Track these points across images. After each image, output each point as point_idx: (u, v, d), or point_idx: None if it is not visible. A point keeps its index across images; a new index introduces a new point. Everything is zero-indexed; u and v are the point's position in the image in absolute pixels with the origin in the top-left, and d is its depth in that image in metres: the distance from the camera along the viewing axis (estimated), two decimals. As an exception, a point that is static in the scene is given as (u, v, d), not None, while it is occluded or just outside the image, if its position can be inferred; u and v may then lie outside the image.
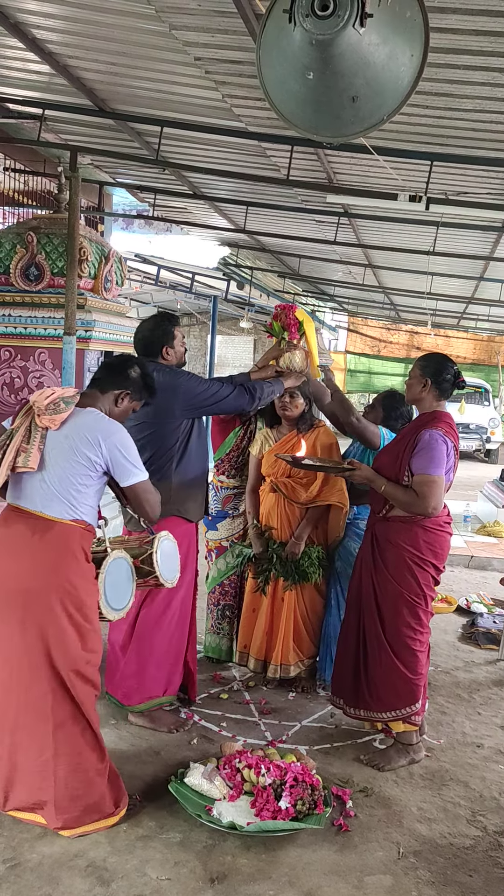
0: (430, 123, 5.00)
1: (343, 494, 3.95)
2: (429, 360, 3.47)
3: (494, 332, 18.29)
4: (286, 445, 4.02)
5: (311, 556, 3.94)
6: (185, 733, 3.58)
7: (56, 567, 2.66)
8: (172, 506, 3.49)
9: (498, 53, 3.88)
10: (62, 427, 2.70)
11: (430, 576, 3.37)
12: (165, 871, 2.62)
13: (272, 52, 2.24)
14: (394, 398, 4.09)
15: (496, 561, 7.27)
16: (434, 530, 3.35)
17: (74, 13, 4.23)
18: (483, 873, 2.74)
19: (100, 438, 2.71)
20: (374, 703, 3.41)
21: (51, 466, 2.69)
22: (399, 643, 3.35)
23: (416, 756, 3.47)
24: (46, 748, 2.68)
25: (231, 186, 7.94)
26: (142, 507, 2.91)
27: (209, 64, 4.56)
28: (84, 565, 2.73)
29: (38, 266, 6.11)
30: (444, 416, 3.38)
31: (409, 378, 3.49)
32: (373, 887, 2.62)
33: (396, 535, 3.36)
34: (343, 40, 2.01)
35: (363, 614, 3.45)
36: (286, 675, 4.03)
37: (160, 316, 3.74)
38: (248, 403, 3.67)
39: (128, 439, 2.80)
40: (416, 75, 2.21)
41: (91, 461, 2.70)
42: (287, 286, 14.48)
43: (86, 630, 2.71)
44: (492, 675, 4.65)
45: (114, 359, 3.04)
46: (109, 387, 2.90)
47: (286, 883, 2.60)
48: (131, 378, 2.93)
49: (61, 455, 2.69)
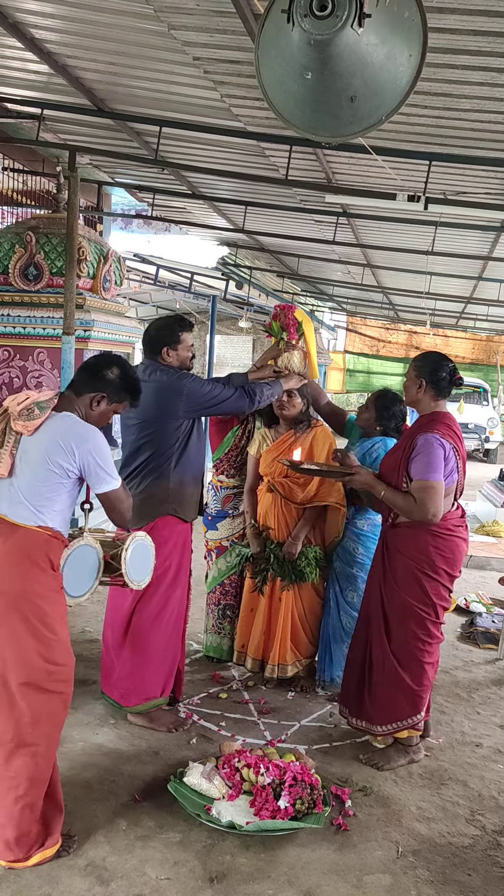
0: (429, 123, 5.01)
1: (341, 495, 3.94)
2: (423, 359, 3.39)
3: (493, 331, 18.32)
4: (283, 445, 4.02)
5: (308, 556, 3.95)
6: (184, 733, 3.59)
7: (16, 574, 2.53)
8: (169, 505, 3.50)
9: (496, 53, 3.89)
10: (36, 433, 2.59)
11: (440, 585, 3.28)
12: (165, 870, 2.62)
13: (271, 52, 2.25)
14: (386, 398, 4.07)
15: (495, 560, 7.28)
16: (444, 535, 3.26)
17: (73, 13, 4.23)
18: (482, 872, 2.74)
19: (73, 445, 2.58)
20: (375, 715, 3.38)
21: (21, 472, 2.59)
22: (405, 654, 3.30)
23: (416, 756, 3.46)
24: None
25: (230, 186, 7.94)
26: (112, 513, 2.78)
27: (208, 64, 4.57)
28: (48, 573, 2.58)
29: (36, 266, 6.12)
30: (442, 417, 3.30)
31: (406, 380, 3.43)
32: (372, 886, 2.62)
33: (404, 544, 3.30)
34: (341, 40, 2.01)
35: (371, 624, 3.41)
36: (283, 674, 4.03)
37: (172, 318, 3.72)
38: (248, 405, 3.68)
39: (102, 445, 2.66)
40: (414, 75, 2.22)
41: (64, 469, 2.59)
42: (286, 286, 14.49)
43: (48, 640, 2.54)
44: (491, 674, 4.65)
45: (92, 359, 2.86)
46: (84, 389, 2.74)
47: (285, 882, 2.61)
48: (107, 379, 2.75)
49: (33, 461, 2.58)
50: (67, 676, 2.61)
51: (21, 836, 2.55)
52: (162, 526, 3.50)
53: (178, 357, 3.59)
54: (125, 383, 2.79)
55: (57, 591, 2.64)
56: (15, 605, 2.51)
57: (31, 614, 2.52)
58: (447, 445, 3.20)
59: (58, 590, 2.64)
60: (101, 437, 2.68)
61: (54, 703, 2.57)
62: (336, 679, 4.06)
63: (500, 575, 5.78)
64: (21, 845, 2.55)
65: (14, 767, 2.52)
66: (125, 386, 2.79)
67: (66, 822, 2.75)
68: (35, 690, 2.52)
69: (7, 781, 2.53)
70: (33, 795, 2.55)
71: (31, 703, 2.52)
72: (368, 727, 3.42)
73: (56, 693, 2.57)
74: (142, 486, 3.45)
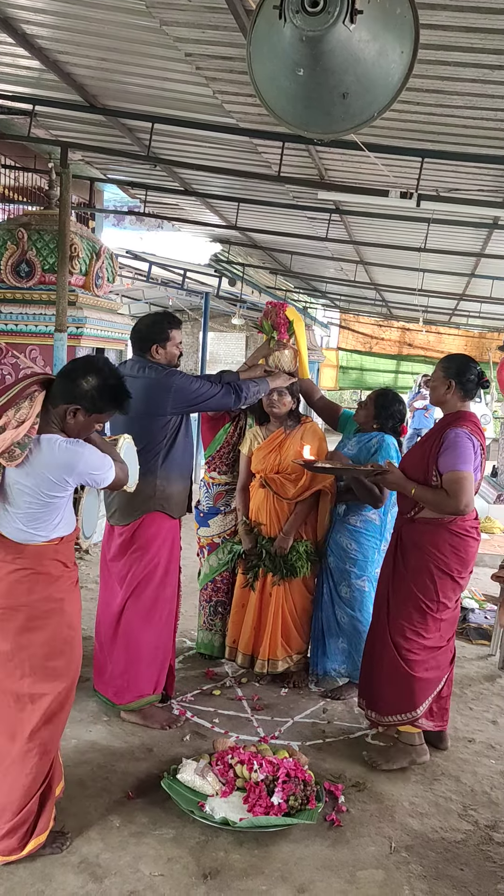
0: (421, 120, 5.00)
1: (329, 480, 3.97)
2: (451, 361, 3.43)
3: (485, 328, 18.32)
4: (274, 442, 4.06)
5: (299, 549, 3.97)
6: (177, 730, 3.59)
7: (35, 589, 2.56)
8: (156, 501, 3.51)
9: (488, 50, 3.88)
10: (31, 465, 2.49)
11: (448, 583, 3.31)
12: (158, 867, 2.63)
13: (263, 49, 2.24)
14: (386, 397, 4.08)
15: (487, 557, 7.30)
16: (461, 534, 3.30)
17: (64, 8, 4.21)
18: (474, 867, 2.75)
19: (64, 476, 2.50)
20: (381, 706, 3.41)
21: (14, 498, 2.52)
22: (401, 643, 3.32)
23: (419, 758, 3.43)
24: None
25: (222, 183, 7.92)
26: (114, 488, 2.76)
27: (200, 60, 4.55)
28: (63, 576, 2.62)
29: (28, 262, 6.10)
30: (468, 415, 3.35)
31: (433, 380, 3.47)
32: (365, 882, 2.63)
33: (421, 538, 3.32)
34: (333, 37, 2.01)
35: (379, 615, 3.45)
36: (273, 669, 4.04)
37: (162, 315, 3.73)
38: (235, 402, 3.70)
39: (92, 457, 2.57)
40: (406, 72, 2.22)
41: (59, 496, 2.55)
42: (279, 283, 14.47)
43: (70, 638, 2.63)
44: (483, 670, 4.67)
45: (69, 365, 2.69)
46: (59, 400, 2.56)
47: (279, 878, 2.61)
48: (82, 390, 2.53)
49: (24, 492, 2.50)
50: (77, 666, 2.69)
51: (17, 827, 2.56)
52: (149, 523, 3.50)
53: (166, 354, 3.60)
54: (103, 394, 2.56)
55: (73, 586, 2.68)
56: (38, 614, 2.56)
57: (56, 619, 2.59)
58: (475, 442, 3.26)
59: (74, 585, 2.69)
60: (86, 451, 2.57)
61: (64, 697, 2.63)
62: (330, 672, 4.08)
63: (493, 571, 5.80)
64: (16, 836, 2.57)
65: (28, 765, 2.56)
66: (103, 396, 2.57)
67: (59, 819, 2.76)
68: (51, 688, 2.58)
69: (20, 779, 2.56)
70: (36, 790, 2.59)
71: (46, 700, 2.57)
72: (378, 718, 3.44)
73: (68, 686, 2.64)
74: None
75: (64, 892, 2.48)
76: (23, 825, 2.57)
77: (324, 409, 4.37)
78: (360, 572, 3.98)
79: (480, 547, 7.57)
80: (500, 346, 11.87)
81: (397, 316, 18.58)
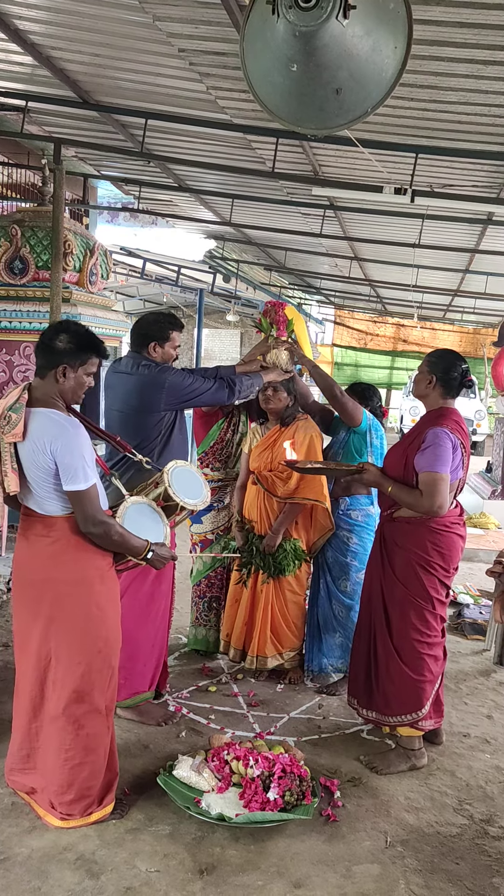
0: (415, 116, 5.01)
1: (321, 493, 3.93)
2: (437, 357, 3.39)
3: (480, 324, 18.34)
4: (270, 439, 4.06)
5: (287, 548, 3.97)
6: (173, 726, 3.59)
7: (68, 562, 2.67)
8: None
9: (482, 45, 3.89)
10: (27, 436, 2.59)
11: (436, 579, 3.29)
12: (155, 863, 2.63)
13: (256, 44, 2.24)
14: (353, 391, 4.17)
15: (482, 552, 7.33)
16: (441, 531, 3.28)
17: (57, 3, 4.20)
18: (469, 861, 2.76)
19: (46, 443, 2.57)
20: (384, 707, 3.39)
21: (30, 477, 2.64)
22: (405, 647, 3.31)
23: (418, 762, 3.40)
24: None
25: (216, 179, 7.91)
26: (78, 513, 2.64)
27: (193, 56, 4.54)
28: (98, 552, 2.71)
29: (22, 259, 6.08)
30: (450, 413, 3.31)
31: (417, 374, 3.44)
32: (361, 876, 2.64)
33: (403, 538, 3.32)
34: (326, 32, 2.01)
35: (373, 616, 3.43)
36: (263, 666, 4.07)
37: (166, 315, 3.72)
38: (228, 396, 3.69)
39: (74, 443, 2.60)
40: (399, 67, 2.22)
41: (48, 469, 2.60)
42: (273, 279, 14.47)
43: (99, 618, 2.71)
44: (478, 665, 4.68)
45: (40, 338, 2.74)
46: (45, 369, 2.68)
47: (275, 873, 2.62)
48: (60, 349, 2.65)
49: (32, 466, 2.62)
50: (107, 649, 2.75)
51: (80, 798, 2.75)
52: None
53: (163, 354, 3.60)
54: (80, 342, 2.68)
55: (108, 568, 2.76)
56: (69, 592, 2.66)
57: (84, 598, 2.67)
58: (455, 440, 3.22)
59: (109, 567, 2.76)
60: (75, 435, 2.61)
61: (92, 677, 2.71)
62: (325, 668, 4.08)
63: (487, 566, 5.82)
64: (79, 805, 2.76)
65: (66, 739, 2.71)
66: (80, 345, 2.67)
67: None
68: (76, 665, 2.67)
69: (61, 753, 2.72)
70: (93, 760, 2.75)
71: (72, 678, 2.68)
72: (380, 718, 3.41)
73: (97, 666, 2.71)
74: (124, 478, 3.45)
75: (60, 889, 2.48)
76: (85, 797, 2.77)
77: (318, 413, 4.36)
78: (361, 565, 3.98)
79: (475, 542, 7.68)
80: (494, 342, 11.86)
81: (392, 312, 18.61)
